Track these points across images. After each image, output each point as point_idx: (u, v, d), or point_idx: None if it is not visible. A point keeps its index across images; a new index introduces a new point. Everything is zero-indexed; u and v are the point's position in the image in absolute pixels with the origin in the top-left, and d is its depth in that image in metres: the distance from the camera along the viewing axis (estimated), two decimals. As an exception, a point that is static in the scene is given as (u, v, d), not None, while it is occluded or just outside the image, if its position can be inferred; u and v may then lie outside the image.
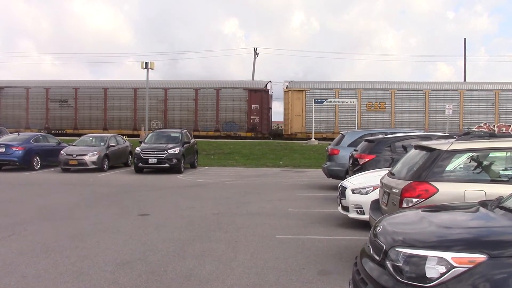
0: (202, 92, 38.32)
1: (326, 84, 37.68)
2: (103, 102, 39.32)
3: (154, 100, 38.11)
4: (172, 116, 38.51)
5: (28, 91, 40.05)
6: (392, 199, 6.26)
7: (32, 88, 40.18)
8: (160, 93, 38.69)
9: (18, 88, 40.32)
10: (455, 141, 6.30)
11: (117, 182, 17.26)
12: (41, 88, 40.12)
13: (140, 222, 9.61)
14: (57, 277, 6.01)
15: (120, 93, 39.27)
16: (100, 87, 39.71)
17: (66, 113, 39.82)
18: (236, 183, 16.96)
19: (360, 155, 12.58)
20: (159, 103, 38.72)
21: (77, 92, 39.67)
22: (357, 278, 3.93)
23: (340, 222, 9.54)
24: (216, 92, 38.12)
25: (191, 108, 38.38)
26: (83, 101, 39.38)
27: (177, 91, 38.76)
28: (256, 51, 53.01)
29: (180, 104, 38.57)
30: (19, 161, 20.50)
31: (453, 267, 3.23)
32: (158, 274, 6.16)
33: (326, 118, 36.27)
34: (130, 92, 39.13)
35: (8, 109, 40.21)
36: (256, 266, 6.52)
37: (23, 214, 10.42)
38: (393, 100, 35.94)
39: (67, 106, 39.79)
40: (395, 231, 3.87)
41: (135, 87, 39.03)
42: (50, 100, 39.94)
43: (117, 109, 39.22)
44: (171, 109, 38.60)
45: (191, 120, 38.25)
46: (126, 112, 39.14)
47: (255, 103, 37.62)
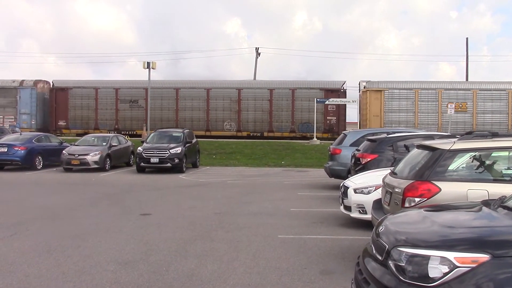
0: (276, 92, 37.33)
1: (406, 84, 36.58)
2: (175, 102, 38.39)
3: (227, 101, 37.55)
4: (246, 117, 37.53)
5: (97, 92, 39.13)
6: (394, 199, 6.25)
7: (101, 89, 39.28)
8: (233, 94, 37.74)
9: (87, 88, 39.36)
10: (458, 140, 6.29)
11: (119, 181, 17.27)
12: (111, 88, 39.21)
13: (142, 222, 9.61)
14: (59, 277, 6.01)
15: (192, 93, 38.23)
16: (172, 87, 38.74)
17: (136, 113, 38.89)
18: (238, 183, 16.96)
19: (362, 154, 12.56)
20: (232, 103, 37.73)
21: (148, 92, 38.18)
22: (360, 278, 3.91)
23: (342, 222, 9.53)
24: (292, 92, 37.12)
25: (265, 109, 37.43)
26: (154, 101, 37.79)
27: (251, 92, 37.79)
28: (258, 50, 53.05)
29: (255, 105, 37.50)
30: (21, 161, 20.54)
31: (456, 267, 3.22)
32: (160, 273, 6.16)
33: (405, 119, 35.39)
34: (202, 92, 38.10)
35: (76, 110, 39.21)
36: (258, 266, 6.51)
37: (25, 214, 10.43)
38: (475, 101, 34.94)
39: (137, 107, 38.90)
40: (398, 230, 3.86)
41: (208, 87, 38.15)
42: (120, 101, 38.98)
43: (189, 109, 38.20)
44: (245, 109, 37.46)
45: (265, 121, 37.35)
46: (199, 112, 38.07)
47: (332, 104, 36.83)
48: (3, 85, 39.91)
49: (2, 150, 20.50)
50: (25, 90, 39.42)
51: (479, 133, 6.63)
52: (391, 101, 35.30)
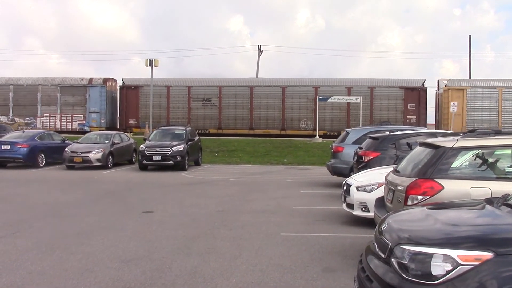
0: (355, 90, 36.65)
1: (489, 82, 35.97)
2: (249, 101, 37.64)
3: (303, 99, 36.98)
4: (323, 116, 36.44)
5: (169, 90, 38.57)
6: (397, 197, 6.24)
7: (173, 87, 38.68)
8: (310, 92, 37.07)
9: (159, 86, 38.23)
10: (461, 138, 6.28)
11: (121, 179, 17.29)
12: (183, 86, 38.68)
13: (144, 220, 9.63)
14: (62, 274, 6.02)
15: (267, 92, 37.53)
16: (246, 86, 38.05)
17: (209, 112, 38.22)
18: (240, 181, 16.97)
19: (365, 152, 12.55)
20: (309, 102, 36.99)
21: (221, 91, 37.95)
22: (362, 276, 3.91)
23: (345, 220, 9.53)
24: (370, 90, 36.59)
25: (343, 108, 36.80)
26: (227, 99, 37.53)
27: (328, 90, 37.01)
28: (260, 48, 53.01)
29: (332, 103, 36.67)
30: (24, 159, 20.57)
31: (459, 265, 3.21)
32: (162, 271, 6.17)
33: (488, 118, 34.89)
34: (278, 90, 37.48)
35: (147, 108, 38.03)
36: (260, 264, 6.52)
37: (28, 211, 10.46)
38: None
39: (210, 105, 38.14)
40: (401, 228, 3.85)
41: (283, 85, 37.59)
42: (192, 99, 38.33)
43: (264, 108, 37.46)
44: (322, 108, 36.17)
45: (343, 120, 36.55)
46: (274, 111, 37.44)
47: (412, 102, 36.07)
48: (72, 83, 39.48)
49: (4, 147, 20.53)
50: (94, 88, 38.95)
51: (482, 131, 6.62)
52: (474, 99, 34.64)
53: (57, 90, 39.52)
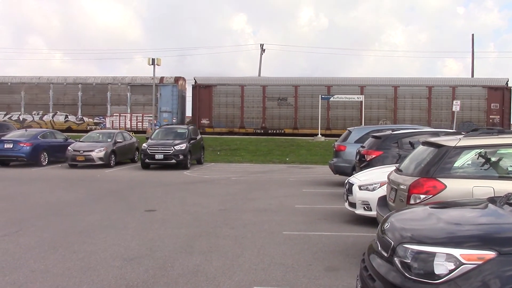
0: (436, 90, 36.34)
1: None
2: (326, 100, 36.66)
3: (383, 98, 36.53)
4: (403, 115, 36.33)
5: (243, 89, 37.86)
6: (399, 196, 6.24)
7: (248, 86, 37.99)
8: (389, 91, 36.64)
9: (232, 85, 38.03)
10: (463, 137, 6.26)
11: (124, 178, 17.31)
12: (258, 85, 38.03)
13: (147, 218, 9.64)
14: (65, 272, 6.04)
15: (345, 91, 36.66)
16: (323, 85, 37.41)
17: (285, 112, 37.48)
18: (243, 179, 16.97)
19: (367, 151, 12.55)
20: (388, 101, 36.72)
21: (297, 90, 37.32)
22: (365, 275, 3.91)
23: (347, 219, 9.52)
24: (452, 90, 36.02)
25: (423, 107, 36.34)
26: (303, 99, 36.78)
27: (408, 89, 36.65)
28: (262, 47, 53.00)
29: (412, 103, 36.37)
30: (27, 157, 20.61)
31: (462, 264, 3.21)
32: (165, 269, 6.18)
33: None
34: (356, 89, 36.81)
35: (220, 108, 37.85)
36: (263, 262, 6.52)
37: (30, 210, 10.48)
38: None
39: (286, 105, 37.44)
40: (403, 227, 3.85)
41: (362, 85, 37.00)
42: (267, 98, 37.62)
43: (341, 107, 36.80)
44: (401, 107, 36.25)
45: (423, 119, 35.90)
46: (352, 111, 36.87)
47: (495, 102, 35.59)
48: (143, 82, 38.94)
49: (7, 146, 20.58)
50: (166, 88, 38.51)
51: (485, 130, 6.60)
52: None
53: (127, 89, 39.03)
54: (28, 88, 40.14)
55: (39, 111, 39.93)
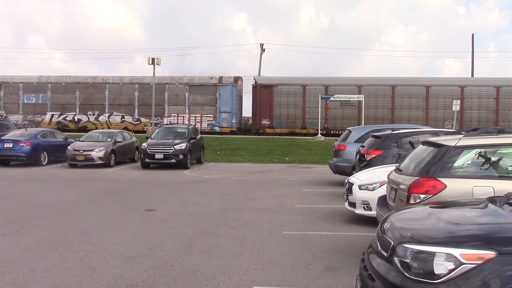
0: (504, 90, 35.79)
1: None
2: (390, 100, 36.82)
3: (448, 99, 35.69)
4: (470, 116, 35.90)
5: (305, 89, 37.32)
6: (399, 195, 6.23)
7: (310, 86, 37.45)
8: (455, 91, 36.10)
9: (294, 85, 37.49)
10: (463, 137, 6.26)
11: (123, 177, 17.31)
12: (320, 85, 37.44)
13: (146, 218, 9.64)
14: (64, 272, 6.03)
15: (410, 91, 36.61)
16: (387, 85, 37.12)
17: (348, 112, 37.15)
18: (243, 179, 16.97)
19: (367, 151, 12.55)
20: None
21: (361, 90, 36.79)
22: (365, 274, 3.91)
23: (347, 218, 9.52)
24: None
25: (491, 108, 35.93)
26: (367, 99, 36.15)
27: (475, 90, 36.18)
28: (262, 46, 52.94)
29: (479, 103, 35.88)
30: (27, 157, 20.61)
31: (461, 264, 3.21)
32: (165, 269, 6.18)
33: None
34: (421, 90, 36.56)
35: (281, 108, 37.30)
36: (262, 262, 6.52)
37: (30, 209, 10.48)
38: None
39: (349, 105, 37.06)
40: (403, 227, 3.84)
41: (427, 85, 36.65)
42: None
43: (406, 108, 36.46)
44: (468, 108, 35.74)
45: (491, 120, 35.62)
46: (417, 111, 36.56)
47: None
48: (201, 82, 38.44)
49: (7, 145, 20.58)
50: (225, 87, 37.99)
51: (485, 130, 6.60)
52: None
53: (185, 89, 38.50)
54: (83, 88, 39.71)
55: (94, 111, 39.51)
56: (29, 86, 40.38)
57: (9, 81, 40.68)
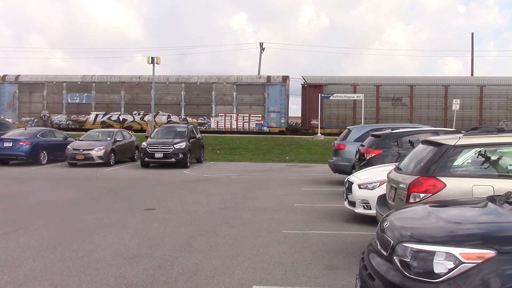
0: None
1: None
2: (443, 100, 36.04)
3: (503, 99, 35.37)
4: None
5: (356, 88, 36.66)
6: (399, 194, 6.23)
7: (360, 85, 36.88)
8: (510, 91, 35.55)
9: (344, 85, 36.87)
10: (463, 136, 6.25)
11: (123, 176, 17.31)
12: (371, 85, 36.94)
13: (146, 217, 9.64)
14: (64, 271, 6.03)
15: (463, 91, 35.77)
16: (440, 84, 36.48)
17: (400, 112, 36.46)
18: (242, 178, 16.97)
19: (367, 150, 12.54)
20: (509, 101, 35.50)
21: (413, 90, 36.28)
22: (364, 274, 3.91)
23: (347, 217, 9.52)
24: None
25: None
26: (419, 99, 35.72)
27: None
28: (262, 46, 52.92)
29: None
30: (26, 156, 20.61)
31: (461, 263, 3.21)
32: (164, 268, 6.18)
33: None
34: (474, 89, 35.87)
35: (332, 108, 36.65)
36: (262, 261, 6.52)
37: (30, 209, 10.47)
38: None
39: (401, 105, 36.40)
40: (403, 226, 3.85)
41: (481, 84, 36.00)
42: (381, 98, 36.62)
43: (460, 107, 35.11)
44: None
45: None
46: (470, 111, 35.82)
47: None
48: (249, 81, 37.84)
49: (7, 145, 20.57)
50: (274, 87, 37.35)
51: (484, 129, 6.60)
52: None
53: (233, 88, 37.78)
54: (128, 87, 39.07)
55: (140, 111, 38.88)
56: (72, 85, 39.64)
57: (52, 80, 39.89)
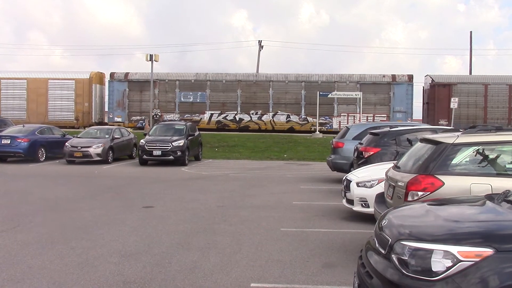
0: None
1: None
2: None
3: None
4: None
5: (487, 88, 35.47)
6: (397, 192, 6.24)
7: (492, 85, 35.53)
8: None
9: (474, 84, 35.77)
10: (461, 134, 6.26)
11: (121, 174, 17.29)
12: (503, 84, 35.58)
13: (144, 214, 9.63)
14: (62, 268, 6.03)
15: None
16: None
17: None
18: (241, 176, 16.97)
19: (365, 148, 12.55)
20: None
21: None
22: (362, 271, 3.91)
23: (345, 215, 9.53)
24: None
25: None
26: None
27: None
28: (260, 43, 52.86)
29: None
30: (24, 153, 20.57)
31: (459, 261, 3.21)
32: (162, 266, 6.18)
33: None
34: None
35: (461, 108, 34.92)
36: (260, 259, 6.52)
37: (28, 206, 10.46)
38: None
39: None
40: (401, 224, 3.85)
41: None
42: None
43: None
44: None
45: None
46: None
47: None
48: (373, 80, 36.99)
49: (5, 142, 20.54)
50: (400, 86, 36.39)
51: (483, 127, 6.60)
52: None
53: (356, 88, 36.89)
54: (244, 86, 38.00)
55: (257, 110, 37.78)
56: (186, 84, 38.49)
57: (164, 78, 38.77)
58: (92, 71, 39.30)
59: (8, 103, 38.97)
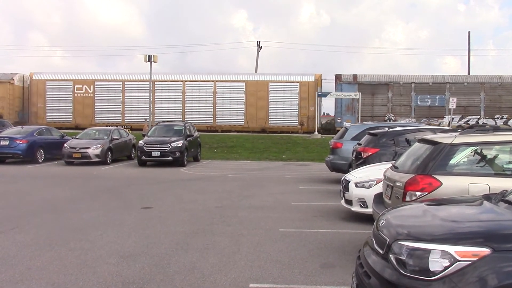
0: None
1: None
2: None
3: None
4: None
5: None
6: (395, 193, 6.25)
7: None
8: None
9: None
10: (459, 134, 6.28)
11: (120, 175, 17.29)
12: None
13: (143, 215, 9.63)
14: (61, 269, 6.03)
15: None
16: None
17: None
18: (239, 177, 16.97)
19: (364, 148, 12.56)
20: None
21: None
22: (360, 271, 3.92)
23: (343, 216, 9.54)
24: None
25: None
26: None
27: None
28: (259, 44, 52.91)
29: None
30: (23, 154, 20.57)
31: (456, 261, 3.22)
32: (161, 266, 6.18)
33: None
34: None
35: None
36: (259, 259, 6.53)
37: (26, 207, 10.46)
38: None
39: None
40: (399, 224, 3.86)
41: None
42: None
43: None
44: None
45: None
46: None
47: None
48: None
49: (3, 143, 20.52)
50: None
51: (480, 127, 6.62)
52: None
53: None
54: (488, 88, 35.78)
55: (503, 114, 35.72)
56: (423, 86, 36.39)
57: (398, 81, 36.68)
58: (316, 73, 37.51)
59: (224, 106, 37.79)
